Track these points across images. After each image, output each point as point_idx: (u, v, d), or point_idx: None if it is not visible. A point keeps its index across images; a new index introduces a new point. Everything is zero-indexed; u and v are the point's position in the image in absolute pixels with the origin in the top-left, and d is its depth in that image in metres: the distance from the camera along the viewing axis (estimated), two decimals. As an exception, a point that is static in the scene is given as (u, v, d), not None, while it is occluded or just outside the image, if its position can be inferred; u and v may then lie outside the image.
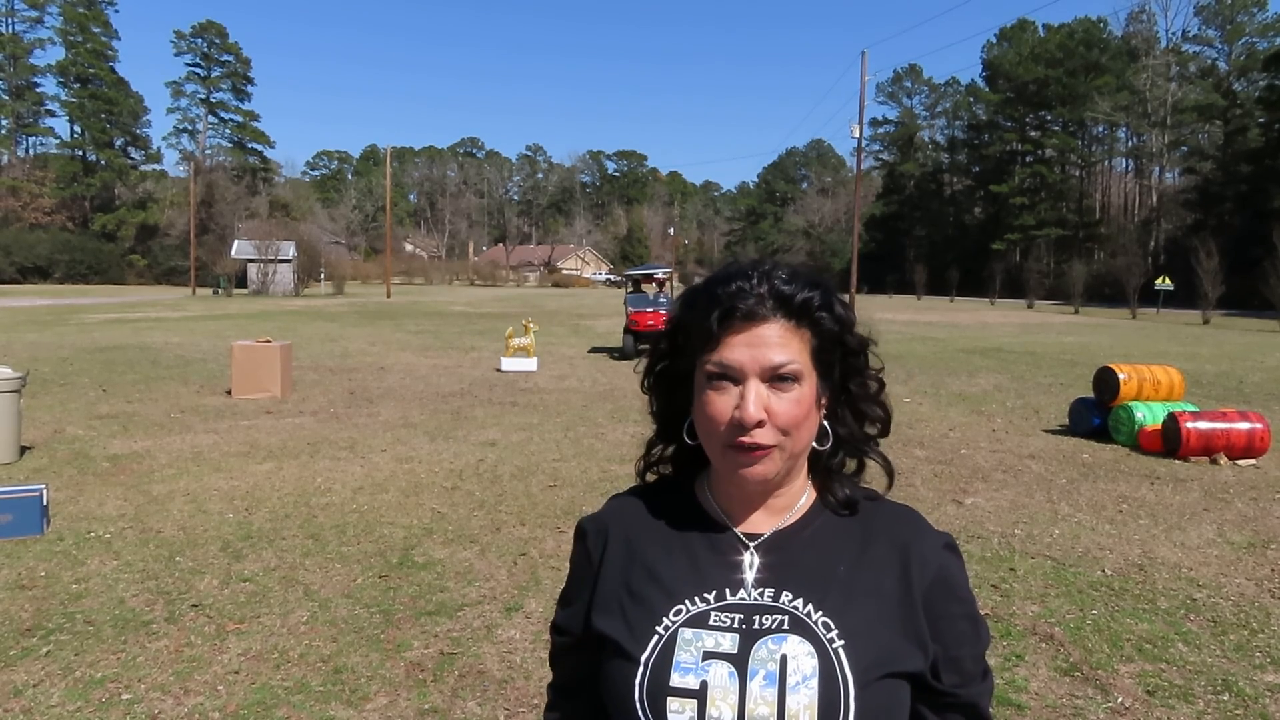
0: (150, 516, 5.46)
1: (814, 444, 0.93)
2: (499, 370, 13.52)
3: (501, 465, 7.03)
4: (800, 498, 0.96)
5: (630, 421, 9.20)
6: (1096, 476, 6.84)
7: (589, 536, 1.02)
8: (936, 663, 0.90)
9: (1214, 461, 7.29)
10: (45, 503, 5.11)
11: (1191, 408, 8.06)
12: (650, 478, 1.04)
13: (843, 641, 0.86)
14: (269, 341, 10.87)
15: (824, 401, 0.93)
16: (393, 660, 3.50)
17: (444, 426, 8.77)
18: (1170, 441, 7.51)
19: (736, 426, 0.86)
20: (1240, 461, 7.32)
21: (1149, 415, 7.91)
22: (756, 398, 0.86)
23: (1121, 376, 8.34)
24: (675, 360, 0.95)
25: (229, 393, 10.53)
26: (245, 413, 9.41)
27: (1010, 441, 8.24)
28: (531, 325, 13.92)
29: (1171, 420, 7.53)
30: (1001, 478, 6.76)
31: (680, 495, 1.00)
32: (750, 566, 0.92)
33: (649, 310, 16.14)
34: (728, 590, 0.91)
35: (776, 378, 0.87)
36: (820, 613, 0.88)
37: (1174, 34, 61.98)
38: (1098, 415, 8.50)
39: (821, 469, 0.97)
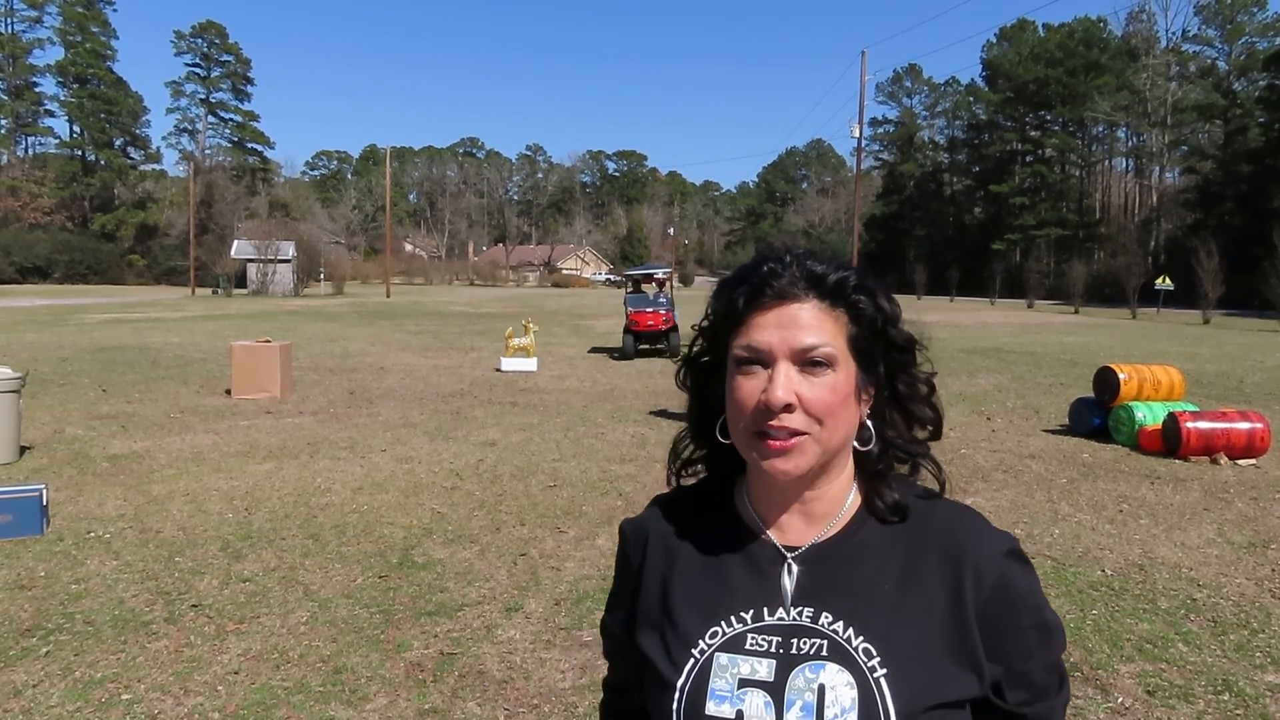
0: (150, 516, 5.46)
1: (856, 444, 0.88)
2: (499, 370, 13.52)
3: (501, 465, 7.03)
4: (843, 504, 0.89)
5: (630, 422, 9.20)
6: (1097, 476, 6.84)
7: (629, 542, 0.99)
8: (1000, 681, 0.84)
9: (1214, 461, 7.29)
10: (45, 503, 5.10)
11: (1192, 407, 8.06)
12: (685, 481, 0.99)
13: (885, 670, 0.79)
14: (269, 341, 10.87)
15: (865, 397, 0.87)
16: (393, 660, 3.50)
17: (444, 426, 8.76)
18: (1170, 441, 7.50)
19: (764, 410, 0.81)
20: (1240, 461, 7.31)
21: (1149, 415, 7.91)
22: (786, 379, 0.81)
23: (1122, 376, 8.34)
24: (709, 353, 0.92)
25: (229, 393, 10.53)
26: (245, 413, 9.41)
27: (1010, 441, 8.23)
28: (531, 325, 13.92)
29: (1172, 420, 7.52)
30: (1002, 478, 6.76)
31: (718, 501, 0.95)
32: (788, 582, 0.87)
33: (649, 310, 16.13)
34: (765, 609, 0.86)
35: (808, 361, 0.82)
36: (861, 638, 0.82)
37: (1174, 34, 62.00)
38: (1098, 415, 8.50)
39: (867, 472, 0.90)
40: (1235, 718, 3.10)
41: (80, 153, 69.43)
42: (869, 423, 0.88)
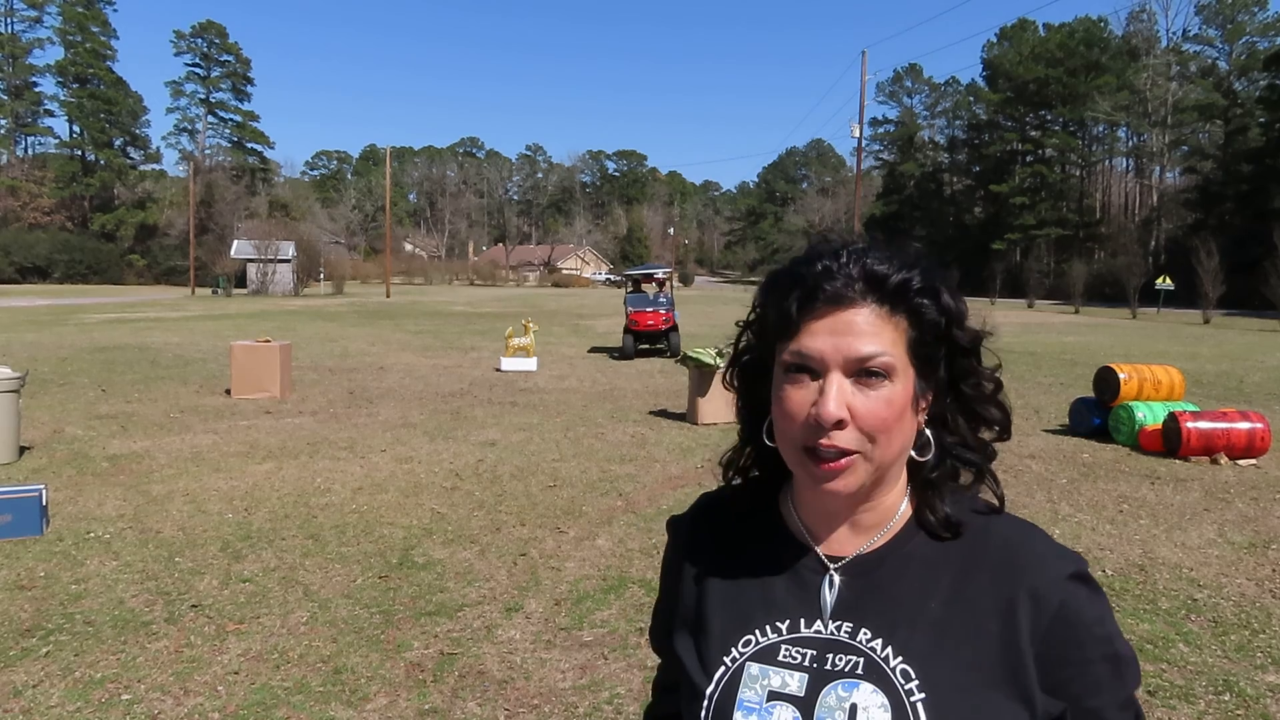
0: (150, 517, 5.46)
1: (913, 453, 0.81)
2: (499, 370, 13.52)
3: (501, 465, 7.02)
4: (894, 514, 0.83)
5: (630, 421, 9.20)
6: (1097, 476, 6.84)
7: (675, 540, 0.95)
8: (1065, 718, 0.77)
9: (1215, 461, 7.29)
10: (44, 503, 5.10)
11: (1192, 407, 8.06)
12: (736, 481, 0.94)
13: (923, 695, 0.74)
14: (268, 341, 10.86)
15: (924, 405, 0.81)
16: (393, 660, 3.50)
17: (444, 426, 8.76)
18: (1171, 441, 7.50)
19: (814, 426, 0.75)
20: (1241, 461, 7.31)
21: (1149, 415, 7.90)
22: (838, 393, 0.74)
23: (1122, 376, 8.33)
24: (758, 350, 0.85)
25: (228, 393, 10.52)
26: (245, 413, 9.41)
27: (1010, 441, 8.19)
28: (531, 325, 13.91)
29: (1172, 420, 7.52)
30: (1002, 477, 6.64)
31: (764, 504, 0.90)
32: (829, 594, 0.82)
33: (649, 310, 16.12)
34: (802, 620, 0.81)
35: (864, 372, 0.75)
36: (900, 658, 0.77)
37: (1174, 33, 61.99)
38: (1098, 415, 8.49)
39: (920, 481, 0.83)
40: (1236, 718, 3.10)
41: (80, 153, 69.38)
42: (927, 431, 0.82)
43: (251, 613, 3.97)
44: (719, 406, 8.92)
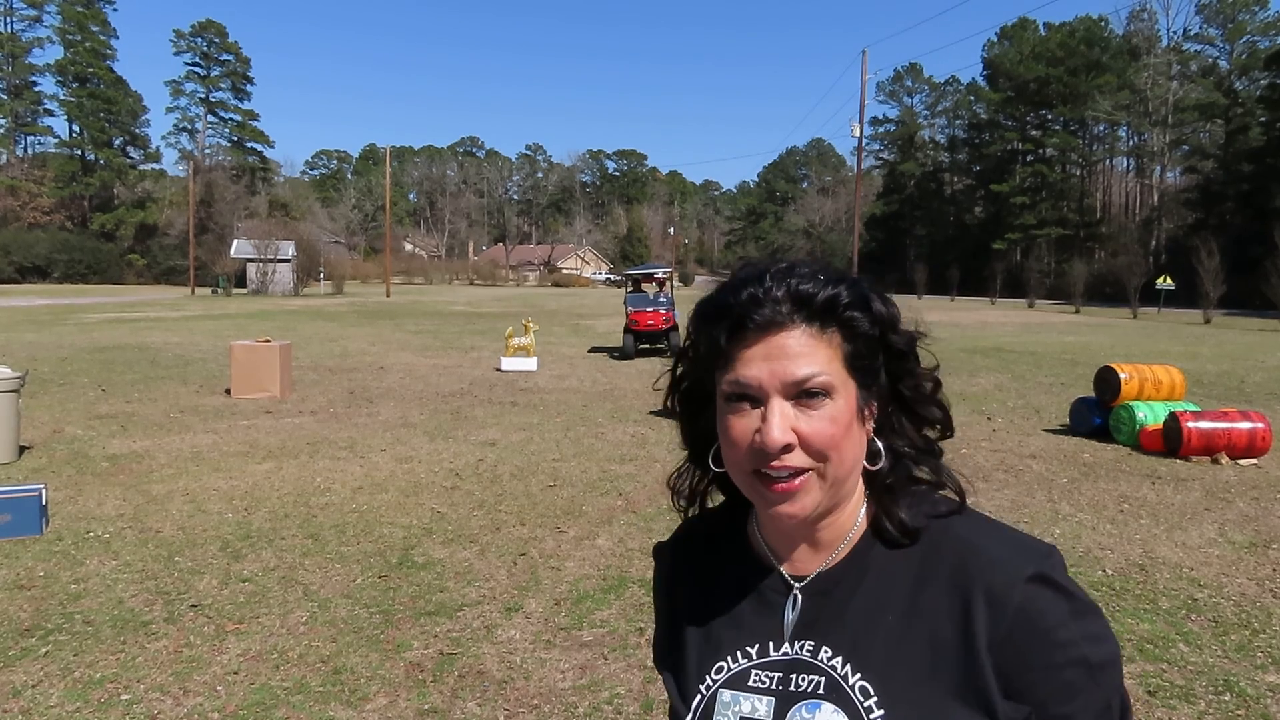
0: (149, 516, 5.45)
1: (865, 464, 0.81)
2: (499, 370, 13.51)
3: (501, 465, 7.02)
4: (850, 527, 0.82)
5: (630, 421, 9.19)
6: (1097, 476, 6.83)
7: (659, 567, 0.97)
8: None
9: (1215, 461, 7.28)
10: (44, 503, 5.10)
11: (1193, 407, 8.05)
12: (692, 512, 0.94)
13: (881, 712, 0.74)
14: (268, 341, 10.86)
15: (869, 414, 0.81)
16: (392, 660, 3.49)
17: (444, 426, 8.76)
18: (1171, 441, 7.49)
19: (760, 452, 0.75)
20: (1242, 461, 7.30)
21: (1150, 415, 7.90)
22: (781, 418, 0.74)
23: (1123, 376, 8.33)
24: (696, 377, 0.84)
25: (228, 392, 10.52)
26: (244, 413, 9.40)
27: (1011, 441, 8.22)
28: (531, 325, 13.91)
29: (1173, 420, 7.51)
30: (1002, 477, 6.75)
31: (732, 529, 0.90)
32: (791, 614, 0.82)
33: (649, 310, 16.12)
34: (771, 644, 0.82)
35: (803, 393, 0.75)
36: (859, 675, 0.76)
37: (1175, 33, 61.97)
38: (1099, 415, 8.49)
39: (876, 490, 0.82)
40: (1236, 718, 3.10)
41: (80, 152, 69.38)
42: (877, 441, 0.81)
43: (251, 613, 3.97)
44: (719, 406, 8.92)
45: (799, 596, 0.82)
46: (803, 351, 0.75)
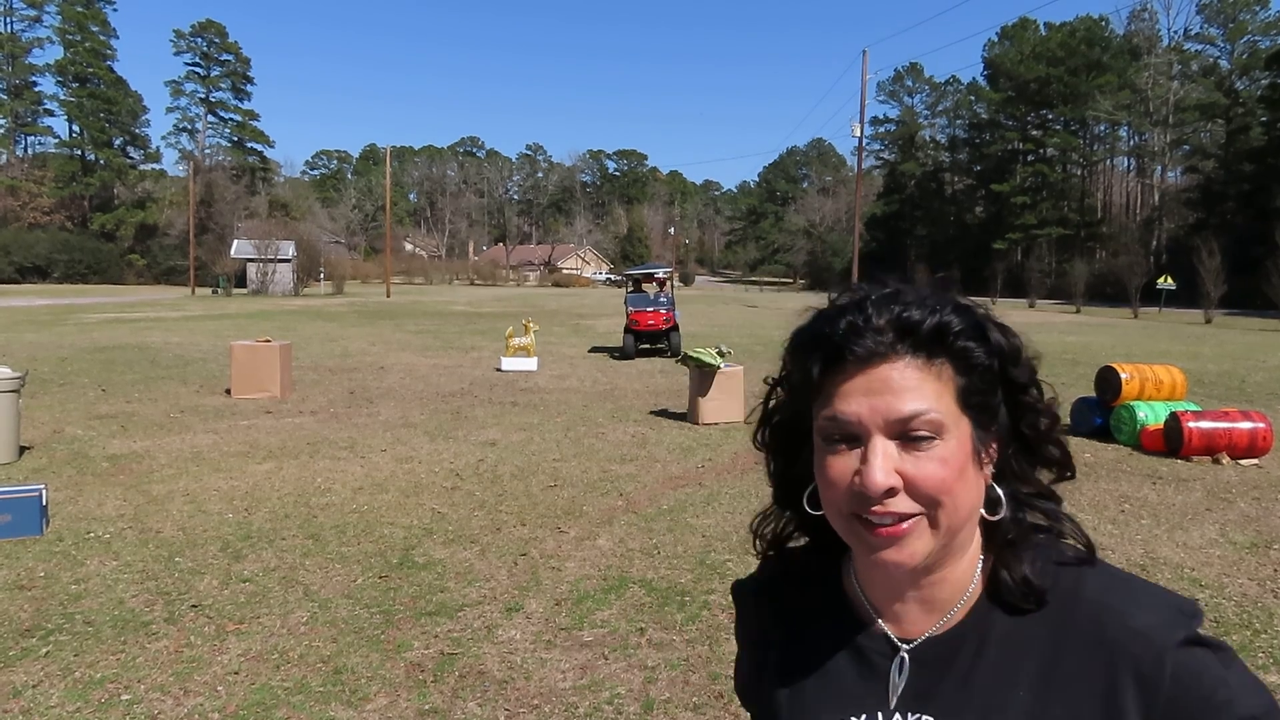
0: (150, 517, 5.45)
1: (984, 513, 0.72)
2: (499, 370, 13.51)
3: (501, 465, 7.02)
4: (967, 586, 0.73)
5: (630, 421, 9.19)
6: (1098, 476, 6.82)
7: (740, 610, 0.89)
8: None
9: (1216, 461, 7.27)
10: (44, 503, 5.09)
11: (1194, 407, 8.04)
12: (770, 554, 0.86)
13: None
14: (269, 341, 10.86)
15: (987, 456, 0.71)
16: (393, 661, 3.49)
17: (444, 426, 8.75)
18: (1172, 441, 7.49)
19: (861, 496, 0.68)
20: (1243, 461, 7.30)
21: (1151, 415, 7.89)
22: (884, 459, 0.66)
23: (1123, 376, 8.32)
24: (791, 412, 0.77)
25: (228, 392, 10.52)
26: (245, 413, 9.40)
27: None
28: (532, 325, 13.91)
29: (1174, 420, 7.51)
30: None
31: (824, 576, 0.81)
32: (899, 681, 0.73)
33: (649, 310, 16.12)
34: (879, 713, 0.73)
35: (909, 435, 0.67)
36: None
37: (1176, 32, 61.98)
38: (1099, 415, 8.48)
39: (997, 544, 0.73)
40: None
41: (80, 152, 69.38)
42: (998, 488, 0.72)
43: (251, 613, 3.97)
44: (720, 406, 8.91)
45: (907, 660, 0.73)
46: (908, 385, 0.67)
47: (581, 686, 3.29)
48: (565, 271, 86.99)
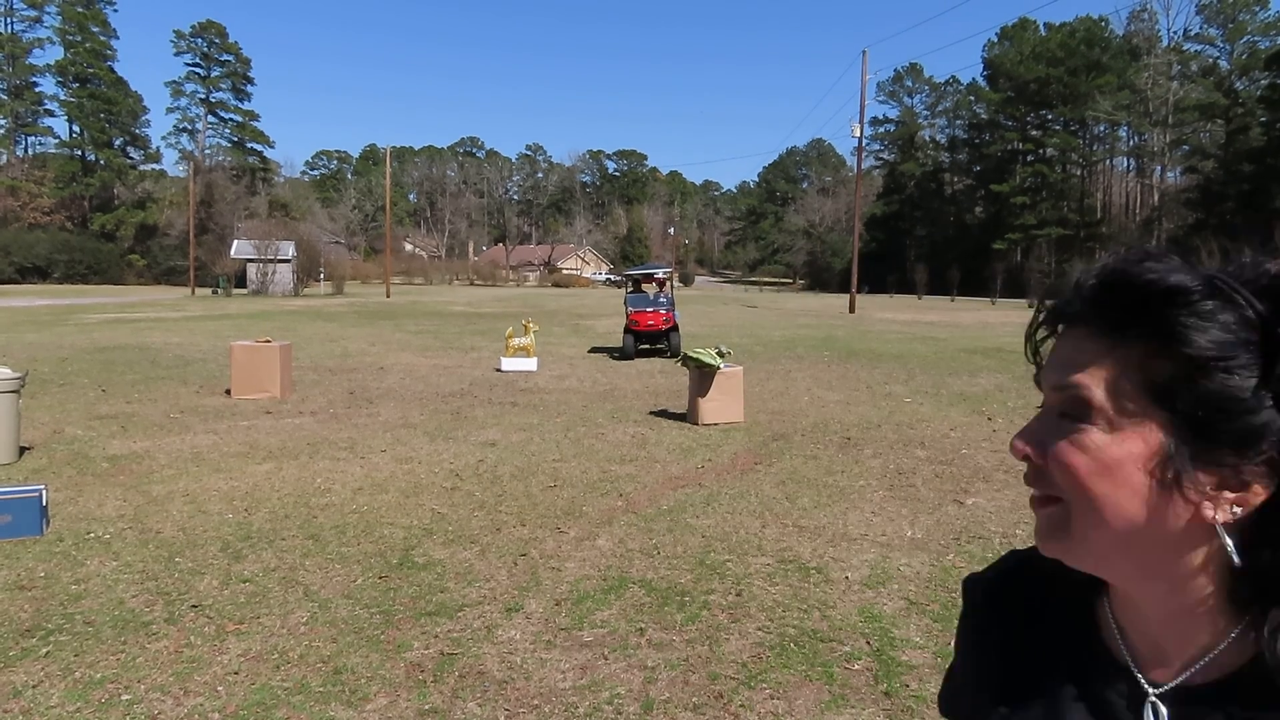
0: (150, 517, 5.45)
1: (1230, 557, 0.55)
2: (499, 370, 13.51)
3: (501, 465, 7.02)
4: (1225, 635, 0.58)
5: (630, 422, 9.19)
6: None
7: (970, 606, 0.77)
8: None
9: None
10: (44, 503, 5.10)
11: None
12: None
13: None
14: (269, 341, 10.86)
15: (1192, 484, 0.54)
16: (393, 661, 3.49)
17: (444, 426, 8.76)
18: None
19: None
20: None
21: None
22: (1033, 423, 0.60)
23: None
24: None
25: (228, 393, 10.52)
26: (245, 413, 9.41)
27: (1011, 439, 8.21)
28: (531, 325, 13.91)
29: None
30: (1003, 478, 6.74)
31: (1079, 588, 0.66)
32: None
33: (649, 310, 16.12)
34: None
35: (1063, 410, 0.58)
36: None
37: (1175, 33, 62.05)
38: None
39: (1243, 602, 0.56)
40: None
41: (80, 152, 69.40)
42: (1228, 539, 0.54)
43: (251, 613, 3.97)
44: (719, 407, 8.92)
45: (1162, 709, 0.60)
46: (1075, 355, 0.58)
47: (581, 686, 3.29)
48: (565, 272, 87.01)
